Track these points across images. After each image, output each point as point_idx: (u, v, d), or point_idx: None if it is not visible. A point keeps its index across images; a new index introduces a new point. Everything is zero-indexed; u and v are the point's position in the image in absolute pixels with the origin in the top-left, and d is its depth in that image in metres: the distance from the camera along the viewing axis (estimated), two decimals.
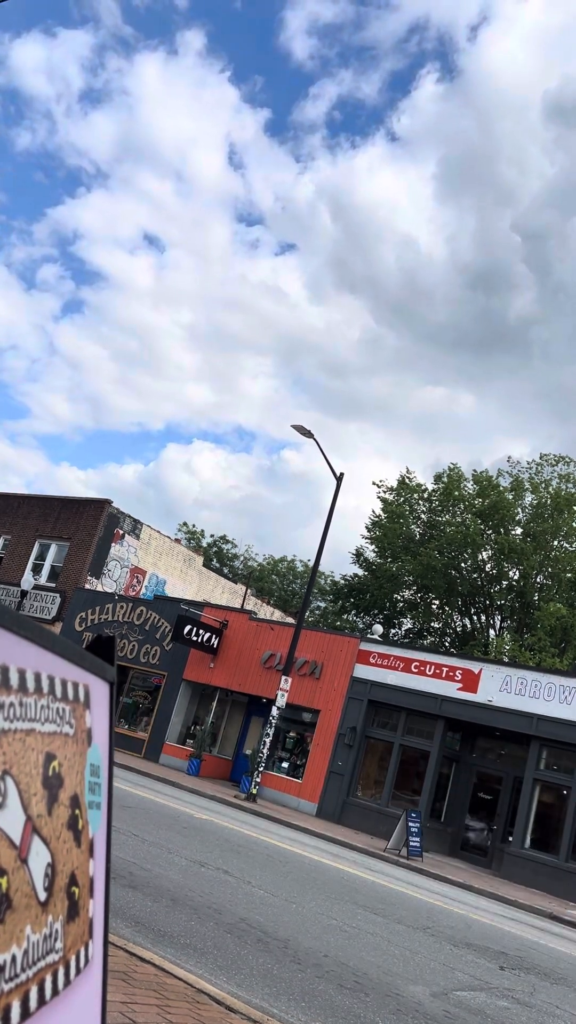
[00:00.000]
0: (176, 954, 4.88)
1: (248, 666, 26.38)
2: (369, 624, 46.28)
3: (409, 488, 46.61)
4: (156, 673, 28.66)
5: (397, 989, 5.60)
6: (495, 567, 44.02)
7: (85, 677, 1.40)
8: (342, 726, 23.70)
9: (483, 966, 7.40)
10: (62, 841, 1.23)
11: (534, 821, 20.64)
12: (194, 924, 5.73)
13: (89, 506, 35.22)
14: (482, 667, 22.56)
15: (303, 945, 6.08)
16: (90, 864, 1.40)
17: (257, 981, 4.84)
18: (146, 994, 3.84)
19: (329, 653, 24.85)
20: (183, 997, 3.97)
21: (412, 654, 23.97)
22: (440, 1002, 5.61)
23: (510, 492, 43.83)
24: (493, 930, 10.35)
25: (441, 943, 7.97)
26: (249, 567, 63.24)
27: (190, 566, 39.96)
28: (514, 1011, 5.99)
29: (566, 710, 20.58)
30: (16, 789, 1.05)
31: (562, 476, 44.05)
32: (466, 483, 45.31)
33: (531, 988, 7.07)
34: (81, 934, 1.34)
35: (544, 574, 43.33)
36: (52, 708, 1.21)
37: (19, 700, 1.07)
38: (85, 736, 1.38)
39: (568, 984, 7.95)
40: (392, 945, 7.07)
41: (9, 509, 37.05)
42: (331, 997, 4.95)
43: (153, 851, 8.28)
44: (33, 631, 1.13)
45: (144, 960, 4.35)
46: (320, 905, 8.10)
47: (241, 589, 43.96)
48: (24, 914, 1.06)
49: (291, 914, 7.14)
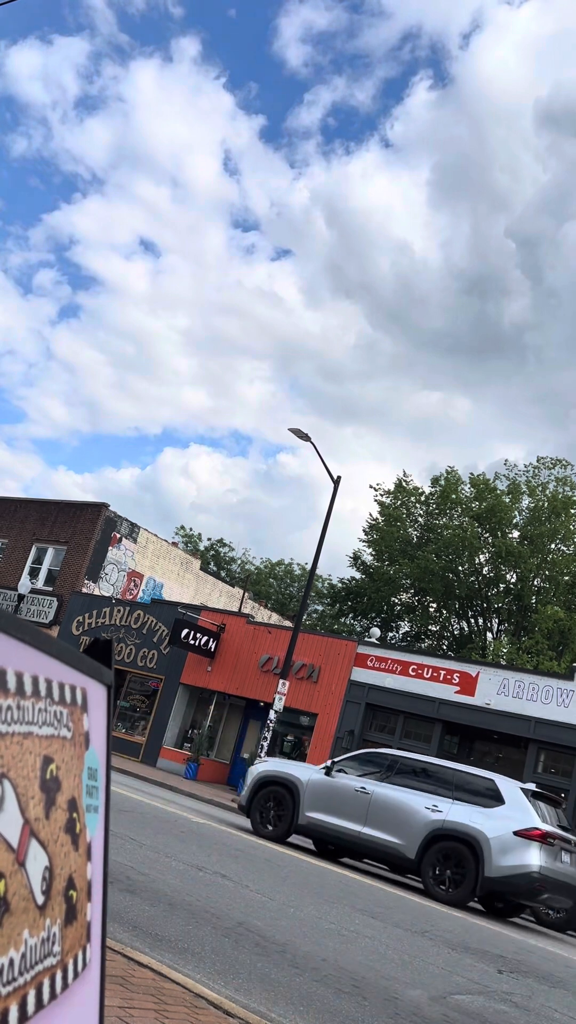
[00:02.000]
0: (174, 958, 4.87)
1: (246, 670, 26.36)
2: (367, 627, 46.26)
3: (406, 491, 46.65)
4: (153, 677, 28.63)
5: (395, 993, 5.59)
6: (492, 570, 44.05)
7: (82, 680, 1.40)
8: (340, 729, 23.68)
9: (481, 970, 7.40)
10: (60, 844, 1.23)
11: None
12: (192, 928, 5.72)
13: (86, 510, 35.19)
14: (480, 670, 22.56)
15: (301, 949, 6.07)
16: (88, 868, 1.40)
17: (255, 985, 4.83)
18: (144, 998, 3.83)
19: (327, 656, 24.84)
20: (181, 1002, 3.96)
21: (410, 657, 23.97)
22: (439, 1006, 5.60)
23: (507, 495, 43.87)
24: (492, 934, 10.35)
25: (439, 947, 7.96)
26: (246, 570, 63.20)
27: (187, 570, 39.93)
28: (512, 1015, 5.99)
29: (564, 713, 20.58)
30: (14, 792, 1.05)
31: (559, 479, 44.12)
32: (463, 486, 45.35)
33: (529, 992, 7.07)
34: (79, 938, 1.34)
35: (541, 577, 43.35)
36: (50, 711, 1.21)
37: (17, 703, 1.07)
38: (83, 739, 1.38)
39: (566, 988, 7.95)
40: (390, 949, 7.07)
41: (6, 513, 37.01)
42: (329, 1001, 4.94)
43: (150, 855, 8.27)
44: (30, 634, 1.13)
45: (142, 964, 4.34)
46: (318, 909, 8.09)
47: (238, 593, 43.93)
48: (22, 917, 1.06)
49: (289, 918, 7.13)
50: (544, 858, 11.33)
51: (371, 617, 47.88)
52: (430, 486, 46.36)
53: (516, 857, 11.22)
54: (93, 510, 34.81)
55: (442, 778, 12.53)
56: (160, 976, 4.25)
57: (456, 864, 11.60)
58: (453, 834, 11.70)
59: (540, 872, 11.20)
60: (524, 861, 11.20)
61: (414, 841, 11.91)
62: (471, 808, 11.83)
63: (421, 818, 11.99)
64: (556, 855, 11.64)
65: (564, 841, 11.94)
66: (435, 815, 11.93)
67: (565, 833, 12.19)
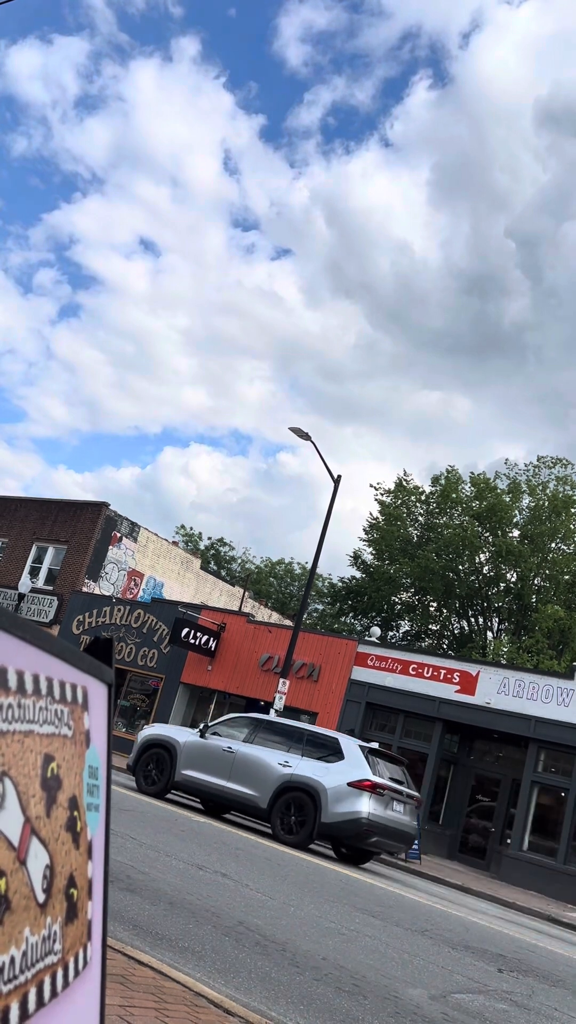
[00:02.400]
0: (174, 957, 4.87)
1: (246, 669, 26.36)
2: (367, 626, 46.26)
3: (407, 491, 46.62)
4: (154, 676, 28.63)
5: (395, 992, 5.59)
6: (493, 569, 44.04)
7: (83, 679, 1.40)
8: (340, 728, 23.68)
9: (482, 969, 7.40)
10: (61, 843, 1.23)
11: (532, 823, 20.63)
12: (192, 927, 5.73)
13: (86, 509, 35.18)
14: (480, 669, 22.56)
15: (301, 948, 6.07)
16: (88, 866, 1.40)
17: (255, 984, 4.84)
18: (144, 997, 3.83)
19: (327, 655, 24.84)
20: (181, 1000, 3.97)
21: (410, 656, 23.97)
22: (439, 1005, 5.61)
23: (507, 495, 43.85)
24: (491, 933, 10.35)
25: (439, 946, 7.97)
26: (247, 570, 63.21)
27: (188, 569, 39.93)
28: (512, 1014, 5.99)
29: (564, 712, 20.58)
30: (15, 790, 1.05)
31: (559, 479, 44.10)
32: (463, 486, 45.32)
33: (530, 991, 7.07)
34: (80, 936, 1.34)
35: (542, 576, 43.34)
36: (50, 710, 1.21)
37: (18, 702, 1.07)
38: (83, 738, 1.38)
39: (567, 987, 7.96)
40: (390, 948, 7.07)
41: (6, 512, 37.01)
42: (329, 1000, 4.94)
43: (151, 854, 8.27)
44: (31, 633, 1.13)
45: (142, 963, 4.34)
46: (318, 908, 8.10)
47: (239, 592, 43.92)
48: (23, 916, 1.06)
49: (289, 917, 7.13)
50: (374, 806, 12.93)
51: (371, 616, 47.87)
52: (430, 485, 46.37)
53: (348, 805, 12.88)
54: (93, 509, 34.81)
55: (296, 737, 14.24)
56: (160, 975, 4.25)
57: (299, 812, 13.18)
58: (298, 786, 13.35)
59: (369, 818, 12.80)
60: (355, 808, 12.82)
61: (267, 793, 13.51)
62: (316, 763, 13.52)
63: (274, 772, 13.64)
64: (387, 804, 13.27)
65: (395, 792, 13.51)
66: (285, 770, 13.59)
67: (397, 786, 13.74)
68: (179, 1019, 3.70)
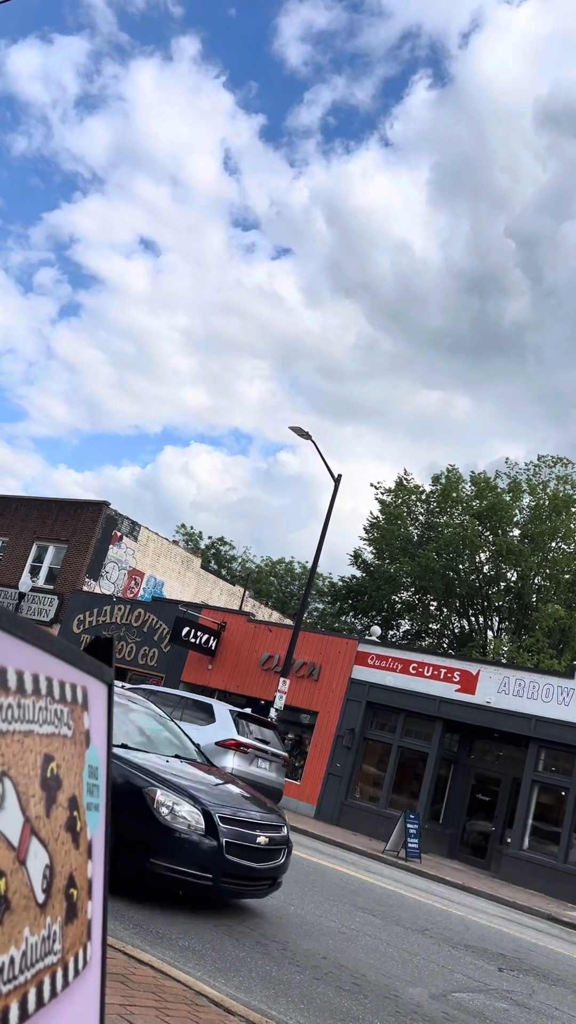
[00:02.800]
0: (175, 956, 4.87)
1: (246, 668, 26.36)
2: (367, 626, 46.27)
3: (407, 490, 46.61)
4: (154, 675, 28.63)
5: (396, 991, 5.59)
6: (493, 568, 44.03)
7: (83, 679, 1.40)
8: (340, 728, 23.69)
9: (482, 968, 7.41)
10: (60, 843, 1.23)
11: (532, 822, 20.63)
12: (192, 926, 5.73)
13: (87, 508, 35.18)
14: (480, 668, 22.56)
15: (301, 947, 6.08)
16: (88, 866, 1.40)
17: (256, 983, 4.84)
18: (145, 996, 3.83)
19: (327, 655, 24.84)
20: (182, 999, 3.97)
21: (410, 655, 23.97)
22: (439, 1004, 5.61)
23: (508, 494, 43.84)
24: (492, 932, 10.36)
25: (440, 945, 7.97)
26: (247, 569, 63.21)
27: (188, 568, 39.93)
28: (513, 1013, 5.99)
29: (564, 711, 20.58)
30: (14, 790, 1.05)
31: (560, 478, 44.08)
32: (464, 485, 45.31)
33: (530, 990, 7.07)
34: (80, 936, 1.34)
35: (542, 575, 43.34)
36: (50, 710, 1.21)
37: (17, 702, 1.07)
38: (83, 738, 1.38)
39: (567, 986, 7.96)
40: (391, 947, 7.07)
41: (7, 511, 37.01)
42: (330, 999, 4.94)
43: None
44: (31, 632, 1.13)
45: (142, 962, 4.34)
46: (318, 907, 8.10)
47: (239, 591, 43.93)
48: (22, 916, 1.06)
49: (289, 916, 7.13)
50: (238, 762, 14.17)
51: (372, 615, 47.86)
52: (431, 484, 46.36)
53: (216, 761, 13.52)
54: (94, 508, 34.81)
55: (175, 704, 15.42)
56: (161, 974, 4.25)
57: None
58: None
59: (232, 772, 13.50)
60: (221, 764, 13.70)
61: None
62: (191, 726, 14.15)
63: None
64: (251, 760, 14.58)
65: (259, 751, 14.86)
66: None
67: (262, 745, 15.13)
68: (180, 1018, 3.70)
